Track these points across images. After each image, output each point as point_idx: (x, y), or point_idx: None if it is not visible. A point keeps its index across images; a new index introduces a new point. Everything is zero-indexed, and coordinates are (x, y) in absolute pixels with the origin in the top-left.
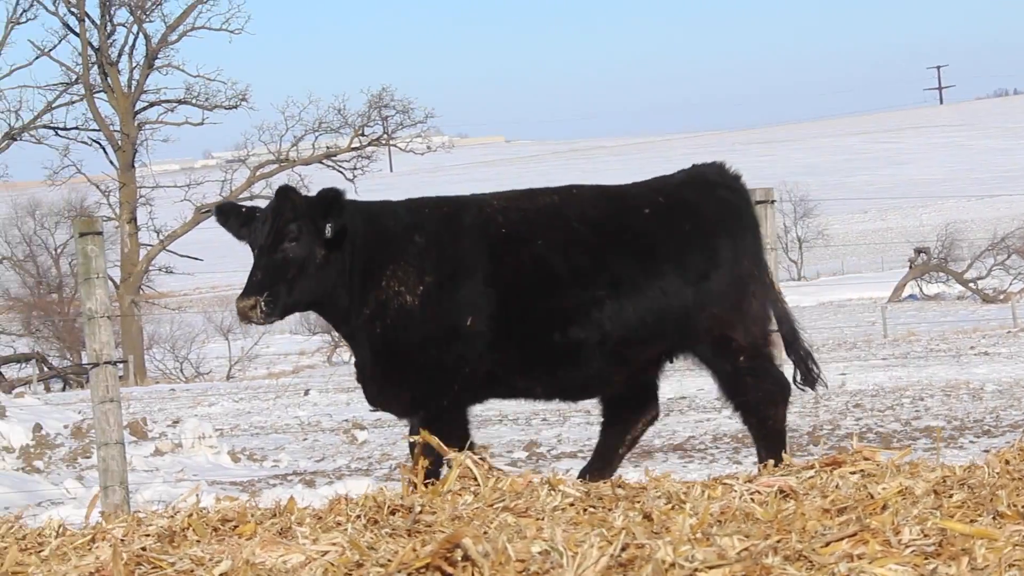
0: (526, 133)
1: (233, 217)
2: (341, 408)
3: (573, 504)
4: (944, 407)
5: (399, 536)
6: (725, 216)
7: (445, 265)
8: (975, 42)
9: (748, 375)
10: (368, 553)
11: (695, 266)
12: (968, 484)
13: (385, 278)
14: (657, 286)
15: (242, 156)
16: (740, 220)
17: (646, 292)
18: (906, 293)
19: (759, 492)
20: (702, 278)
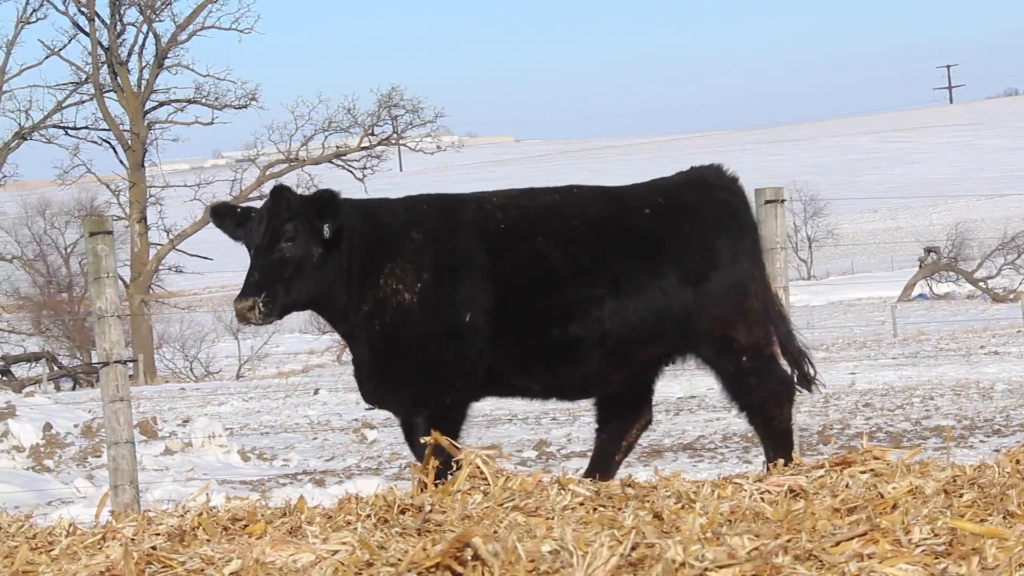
0: (536, 132)
1: (228, 218)
2: (351, 407)
3: (583, 503)
4: (954, 406)
5: (409, 535)
6: (723, 217)
7: (443, 261)
8: (985, 41)
9: (751, 375)
10: (378, 552)
11: (695, 267)
12: (978, 483)
13: (383, 276)
14: (657, 286)
15: (252, 156)
16: (738, 221)
17: (646, 291)
18: (916, 292)
19: (769, 491)
20: (702, 279)
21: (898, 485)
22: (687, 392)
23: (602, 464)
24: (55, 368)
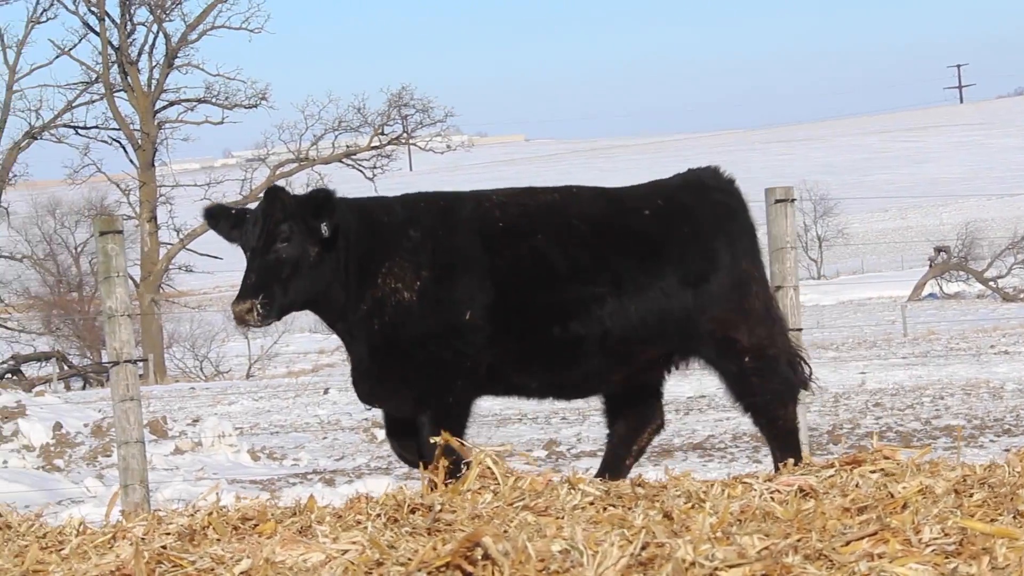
0: (546, 132)
1: (223, 219)
2: (361, 407)
3: (593, 503)
4: (964, 406)
5: (419, 535)
6: (721, 219)
7: (442, 259)
8: (995, 41)
9: (754, 375)
10: (388, 552)
11: (694, 268)
12: (988, 483)
13: (381, 275)
14: (657, 287)
15: (262, 155)
16: (736, 222)
17: (646, 292)
18: (926, 292)
19: (779, 491)
20: (702, 280)
21: (908, 485)
22: (697, 392)
23: (613, 468)
24: (65, 367)
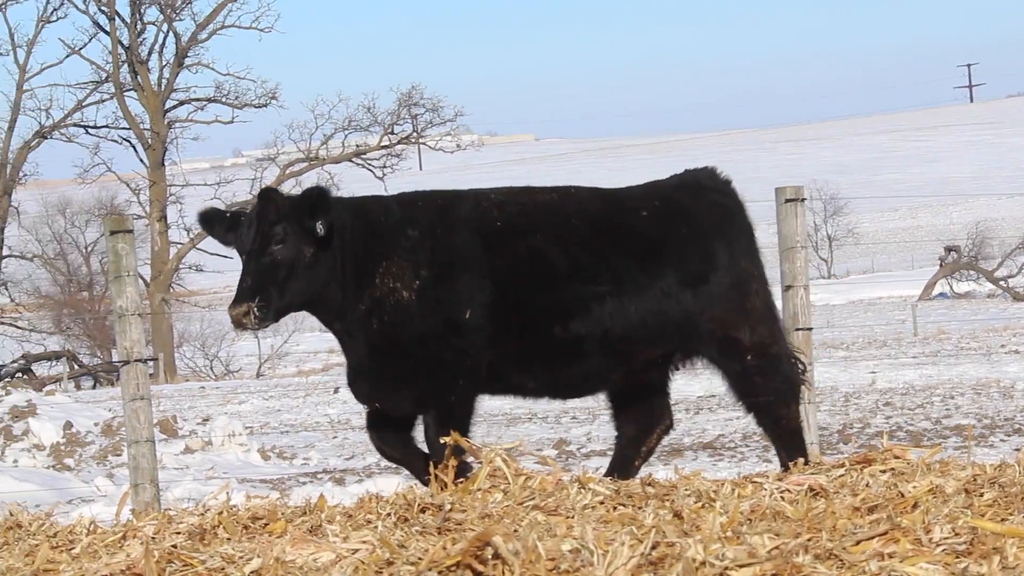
0: (556, 131)
1: (218, 223)
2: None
3: (603, 502)
4: (975, 405)
5: (429, 534)
6: (718, 219)
7: (441, 258)
8: (1005, 40)
9: (757, 374)
10: (398, 551)
11: (693, 269)
12: (999, 483)
13: (379, 275)
14: (656, 286)
15: (272, 154)
16: (733, 223)
17: (645, 291)
18: (936, 291)
19: (789, 490)
20: (701, 281)
21: (918, 484)
22: (707, 391)
23: (621, 469)
24: (76, 367)
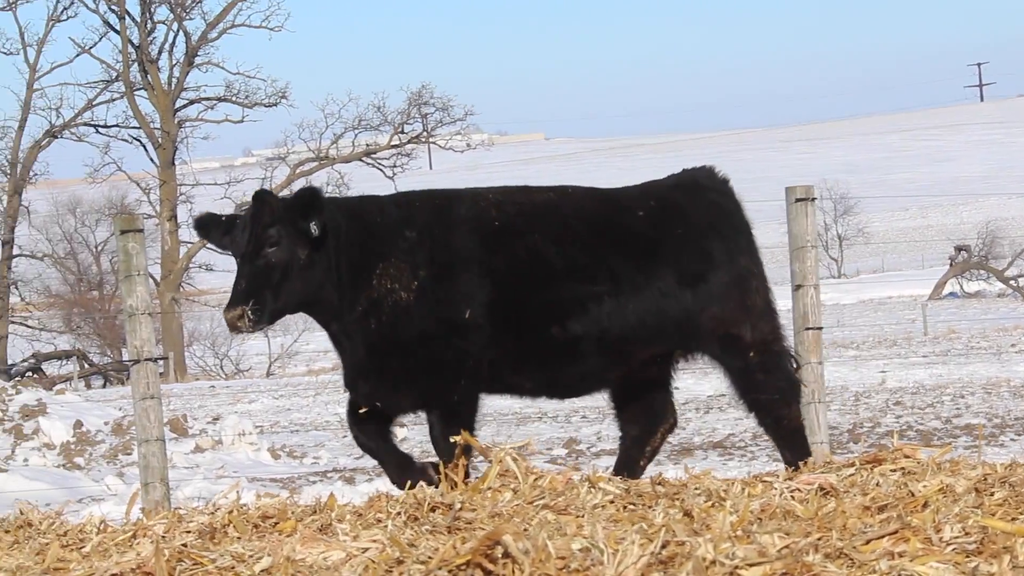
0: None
1: (214, 228)
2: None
3: (613, 501)
4: (985, 405)
5: (439, 533)
6: (716, 219)
7: (440, 258)
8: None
9: (759, 372)
10: (409, 550)
11: (691, 268)
12: (1009, 482)
13: (376, 276)
14: (654, 286)
15: (282, 154)
16: (731, 222)
17: (643, 291)
18: (946, 291)
19: (799, 490)
20: (700, 280)
21: (929, 483)
22: (717, 391)
23: (627, 469)
24: (86, 366)
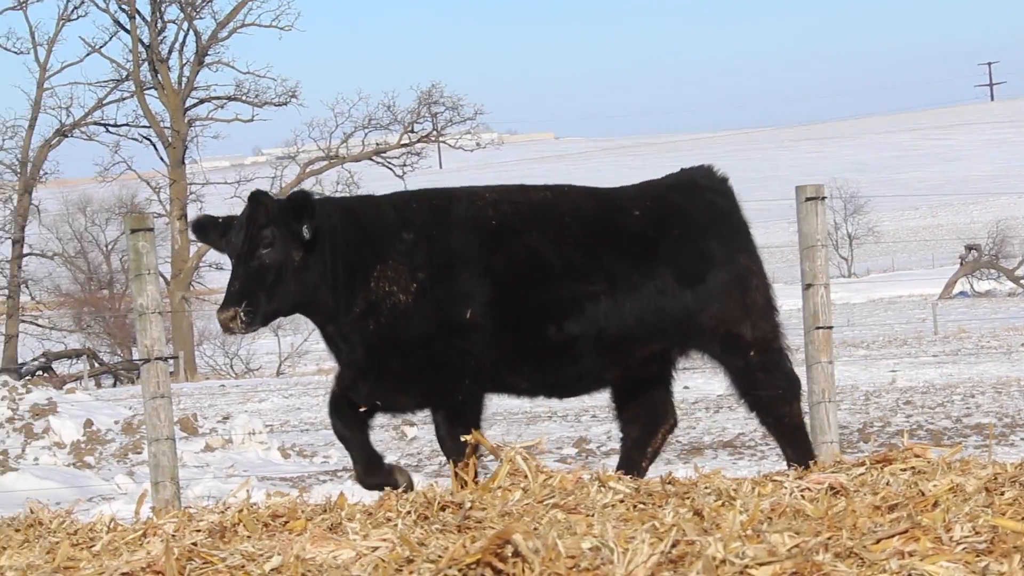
0: (576, 130)
1: (211, 230)
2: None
3: (623, 500)
4: (995, 404)
5: (449, 532)
6: (714, 218)
7: (438, 259)
8: None
9: (760, 370)
10: (418, 549)
11: (690, 267)
12: (1020, 481)
13: (374, 278)
14: (652, 285)
15: (292, 153)
16: (729, 221)
17: (641, 290)
18: (957, 290)
19: (809, 489)
20: (698, 279)
21: (939, 483)
22: (727, 390)
23: (629, 471)
24: (96, 365)
